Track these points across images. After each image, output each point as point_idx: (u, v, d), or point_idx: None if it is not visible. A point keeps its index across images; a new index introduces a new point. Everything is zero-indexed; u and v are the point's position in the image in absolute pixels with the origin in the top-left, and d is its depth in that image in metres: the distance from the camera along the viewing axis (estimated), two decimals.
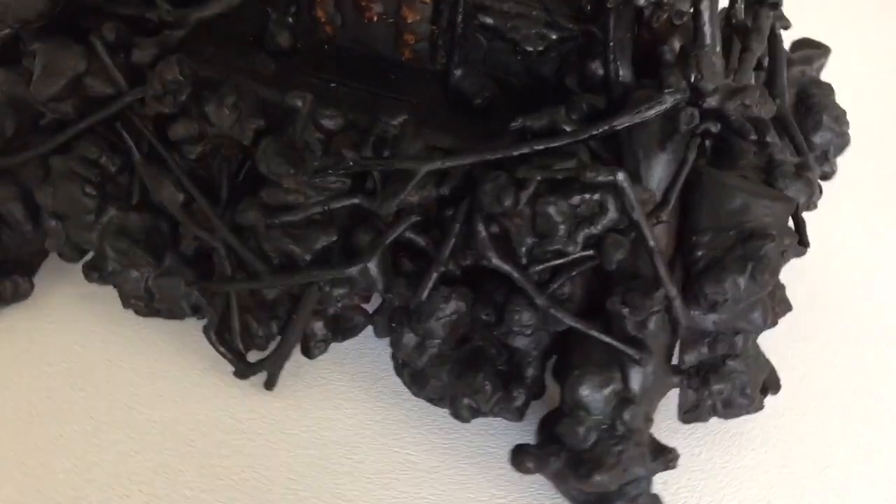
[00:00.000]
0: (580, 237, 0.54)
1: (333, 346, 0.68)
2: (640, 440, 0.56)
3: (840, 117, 0.69)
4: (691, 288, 0.55)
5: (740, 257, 0.54)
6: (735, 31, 0.65)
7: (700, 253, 0.55)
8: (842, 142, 0.72)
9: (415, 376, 0.62)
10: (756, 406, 0.61)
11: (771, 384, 0.65)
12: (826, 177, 0.73)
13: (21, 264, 0.70)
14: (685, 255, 0.55)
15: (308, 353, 0.65)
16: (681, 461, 0.64)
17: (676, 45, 0.57)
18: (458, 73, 0.62)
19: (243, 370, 0.65)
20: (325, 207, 0.60)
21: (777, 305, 0.61)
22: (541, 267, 0.55)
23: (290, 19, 0.64)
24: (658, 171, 0.55)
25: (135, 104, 0.62)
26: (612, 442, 0.55)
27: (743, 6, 0.64)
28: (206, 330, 0.65)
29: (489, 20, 0.60)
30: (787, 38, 0.72)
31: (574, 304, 0.58)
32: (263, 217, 0.60)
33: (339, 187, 0.60)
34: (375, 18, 0.63)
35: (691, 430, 0.65)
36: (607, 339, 0.55)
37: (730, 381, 0.59)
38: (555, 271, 0.57)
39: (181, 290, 0.66)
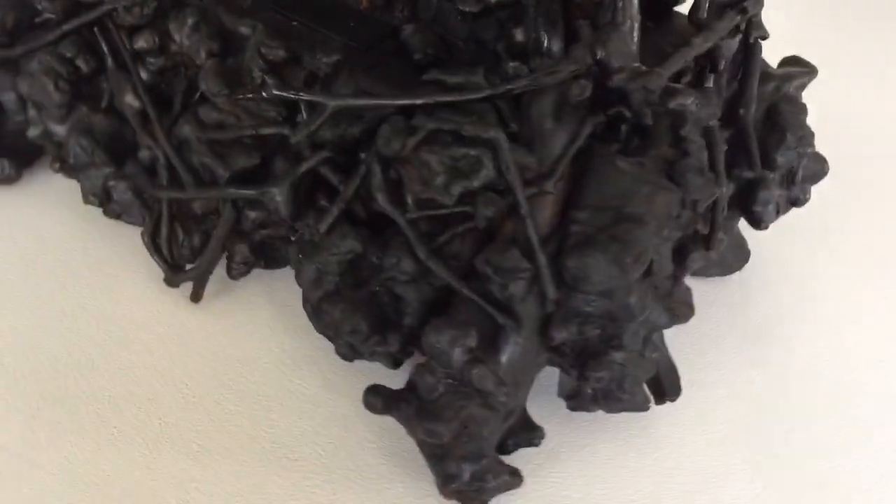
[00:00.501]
0: (456, 190, 0.55)
1: (267, 277, 0.71)
2: (490, 403, 0.56)
3: (805, 138, 0.67)
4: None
5: (608, 238, 0.53)
6: (697, 28, 0.64)
7: (575, 228, 0.54)
8: (818, 169, 0.70)
9: (315, 310, 0.64)
10: (636, 404, 0.60)
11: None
12: (796, 202, 0.70)
13: (14, 153, 0.76)
14: (562, 228, 0.55)
15: (230, 272, 0.68)
16: (562, 449, 0.64)
17: None
18: (408, 28, 0.64)
19: (172, 278, 0.69)
20: (255, 132, 0.63)
21: (678, 307, 0.60)
22: (418, 214, 0.56)
23: None
24: (552, 142, 0.55)
25: (114, 14, 0.67)
26: (455, 397, 0.55)
27: (707, 6, 0.63)
28: (142, 234, 0.69)
29: None
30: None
31: (461, 263, 0.58)
32: (197, 132, 0.63)
33: (272, 116, 0.63)
34: None
35: (587, 421, 0.64)
36: (474, 297, 0.56)
37: (608, 370, 0.58)
38: (444, 226, 0.58)
39: (136, 196, 0.70)
